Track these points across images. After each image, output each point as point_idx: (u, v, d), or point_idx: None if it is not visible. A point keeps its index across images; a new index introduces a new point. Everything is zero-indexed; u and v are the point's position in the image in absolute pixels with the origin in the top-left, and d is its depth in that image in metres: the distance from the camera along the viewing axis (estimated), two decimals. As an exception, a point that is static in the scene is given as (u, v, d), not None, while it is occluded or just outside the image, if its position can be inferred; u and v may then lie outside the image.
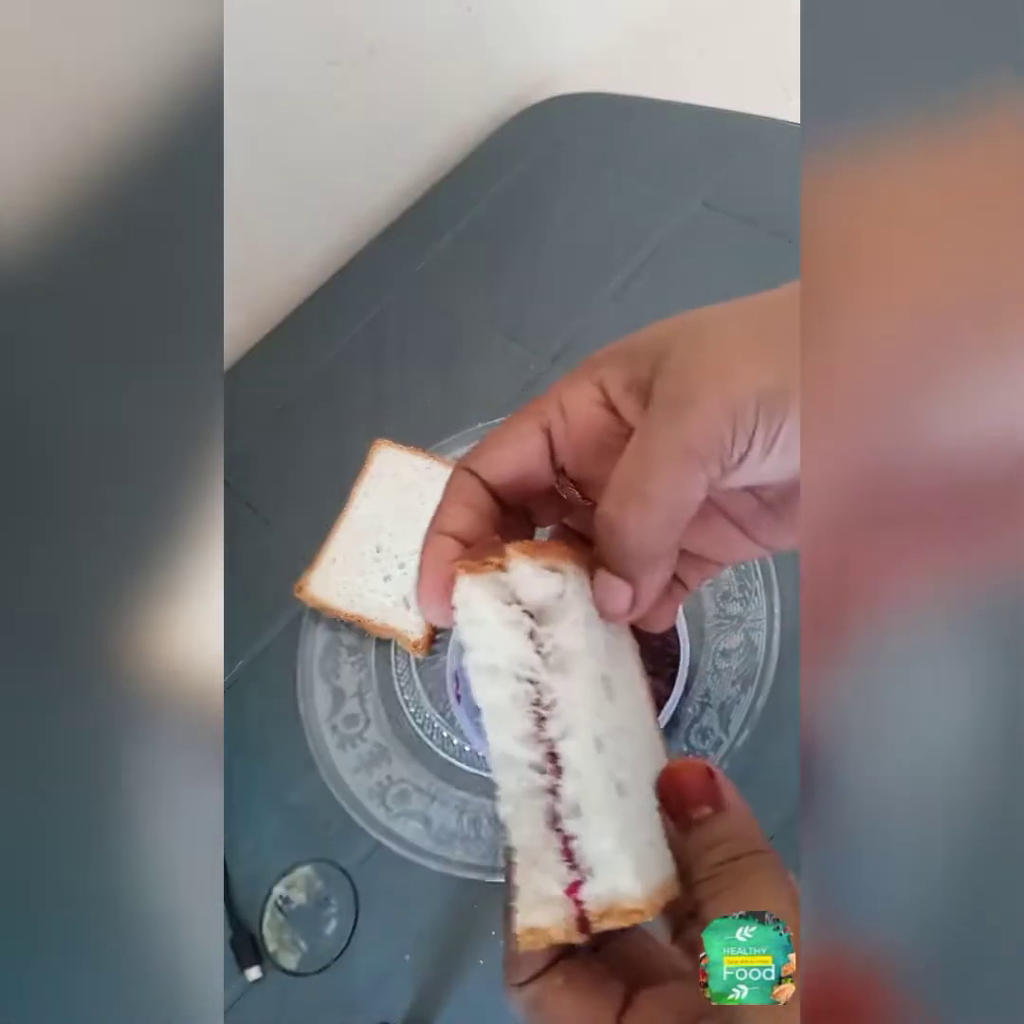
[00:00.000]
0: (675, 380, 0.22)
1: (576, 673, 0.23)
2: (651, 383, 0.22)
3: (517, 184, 0.80)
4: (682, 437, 0.21)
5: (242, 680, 0.59)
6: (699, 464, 0.21)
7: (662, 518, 0.22)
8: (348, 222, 0.83)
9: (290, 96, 0.72)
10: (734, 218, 0.70)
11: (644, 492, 0.22)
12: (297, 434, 0.71)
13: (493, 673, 0.23)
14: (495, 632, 0.23)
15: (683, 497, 0.22)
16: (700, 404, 0.21)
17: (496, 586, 0.23)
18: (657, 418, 0.22)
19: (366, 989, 0.48)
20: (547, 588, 0.23)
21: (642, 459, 0.22)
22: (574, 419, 0.24)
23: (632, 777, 0.23)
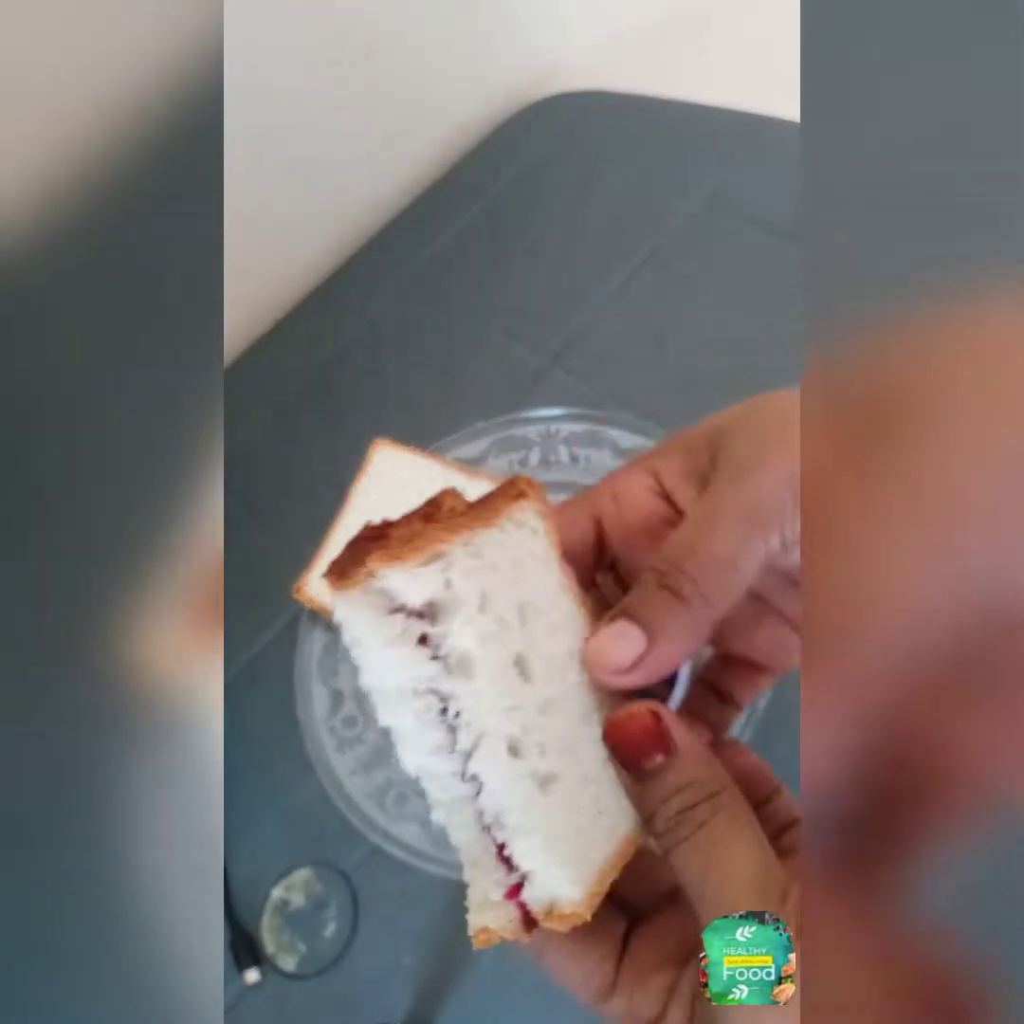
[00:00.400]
0: (740, 450, 0.21)
1: (478, 672, 0.21)
2: (709, 470, 0.22)
3: (517, 183, 0.80)
4: (747, 498, 0.20)
5: (241, 681, 0.59)
6: (761, 528, 0.20)
7: (723, 580, 0.21)
8: (348, 221, 0.82)
9: (290, 95, 0.72)
10: (734, 218, 0.70)
11: (704, 552, 0.21)
12: (296, 434, 0.71)
13: (388, 695, 0.22)
14: (379, 653, 0.21)
15: (743, 557, 0.21)
16: (768, 465, 0.20)
17: (371, 596, 0.21)
18: (722, 481, 0.21)
19: (365, 991, 0.48)
20: (427, 586, 0.21)
21: (705, 522, 0.21)
22: (626, 505, 0.24)
23: (563, 752, 0.22)
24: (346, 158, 0.79)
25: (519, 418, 0.59)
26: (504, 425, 0.59)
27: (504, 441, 0.59)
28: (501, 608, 0.22)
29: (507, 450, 0.59)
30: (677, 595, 0.21)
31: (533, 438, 0.59)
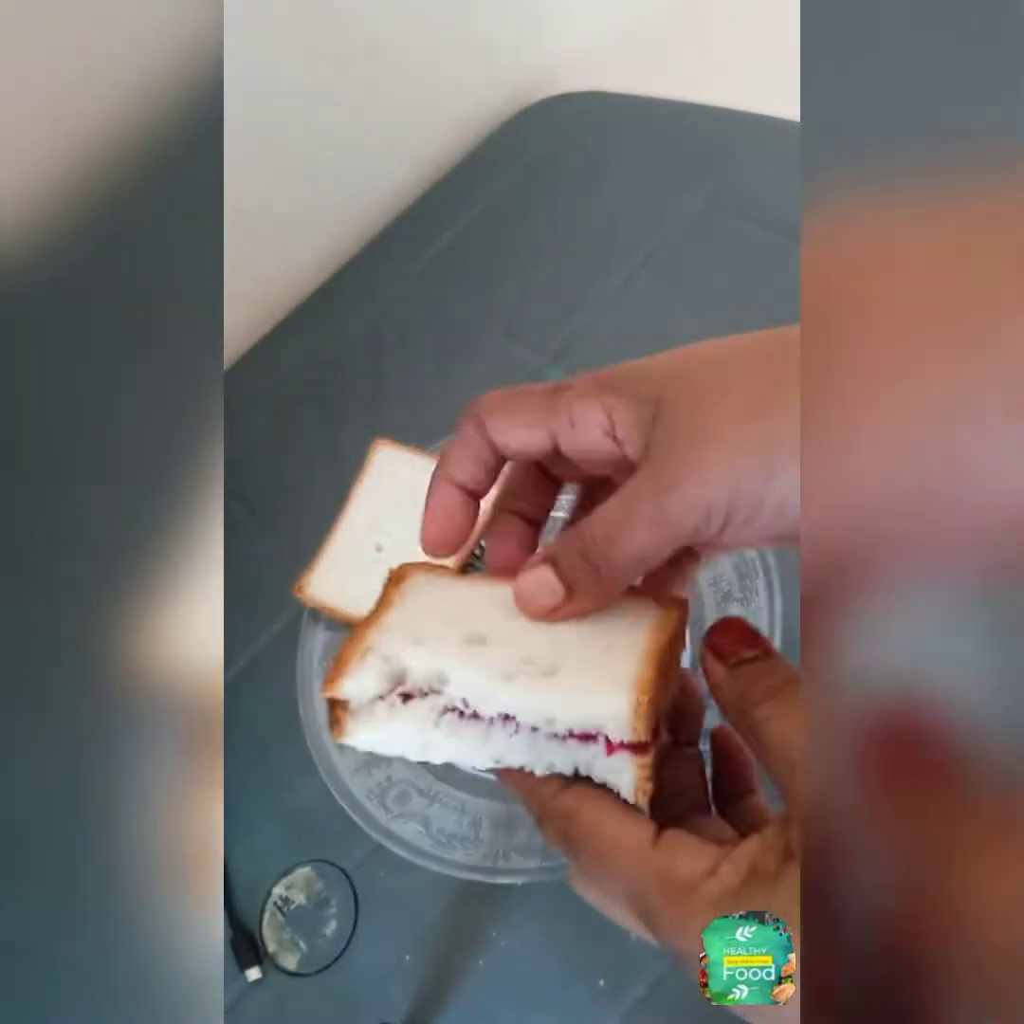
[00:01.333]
0: (664, 452, 0.24)
1: (450, 674, 0.25)
2: (650, 433, 0.24)
3: (517, 183, 0.80)
4: (660, 512, 0.23)
5: (242, 680, 0.59)
6: (672, 534, 0.24)
7: (630, 567, 0.25)
8: (348, 221, 0.82)
9: (290, 94, 0.72)
10: (734, 218, 0.70)
11: (619, 540, 0.24)
12: (297, 434, 0.71)
13: (426, 750, 0.25)
14: (396, 744, 0.25)
15: (652, 555, 0.24)
16: (680, 490, 0.23)
17: (358, 717, 0.25)
18: (645, 483, 0.24)
19: (366, 990, 0.48)
20: (373, 672, 0.25)
21: (627, 517, 0.24)
22: (581, 439, 0.26)
23: (549, 648, 0.26)
24: (346, 158, 0.79)
25: (519, 418, 0.59)
26: (504, 425, 0.59)
27: (504, 441, 0.59)
28: (433, 630, 0.27)
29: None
30: (595, 569, 0.25)
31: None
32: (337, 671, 0.26)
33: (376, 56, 0.75)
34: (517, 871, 0.46)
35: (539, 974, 0.46)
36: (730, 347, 0.24)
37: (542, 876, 0.45)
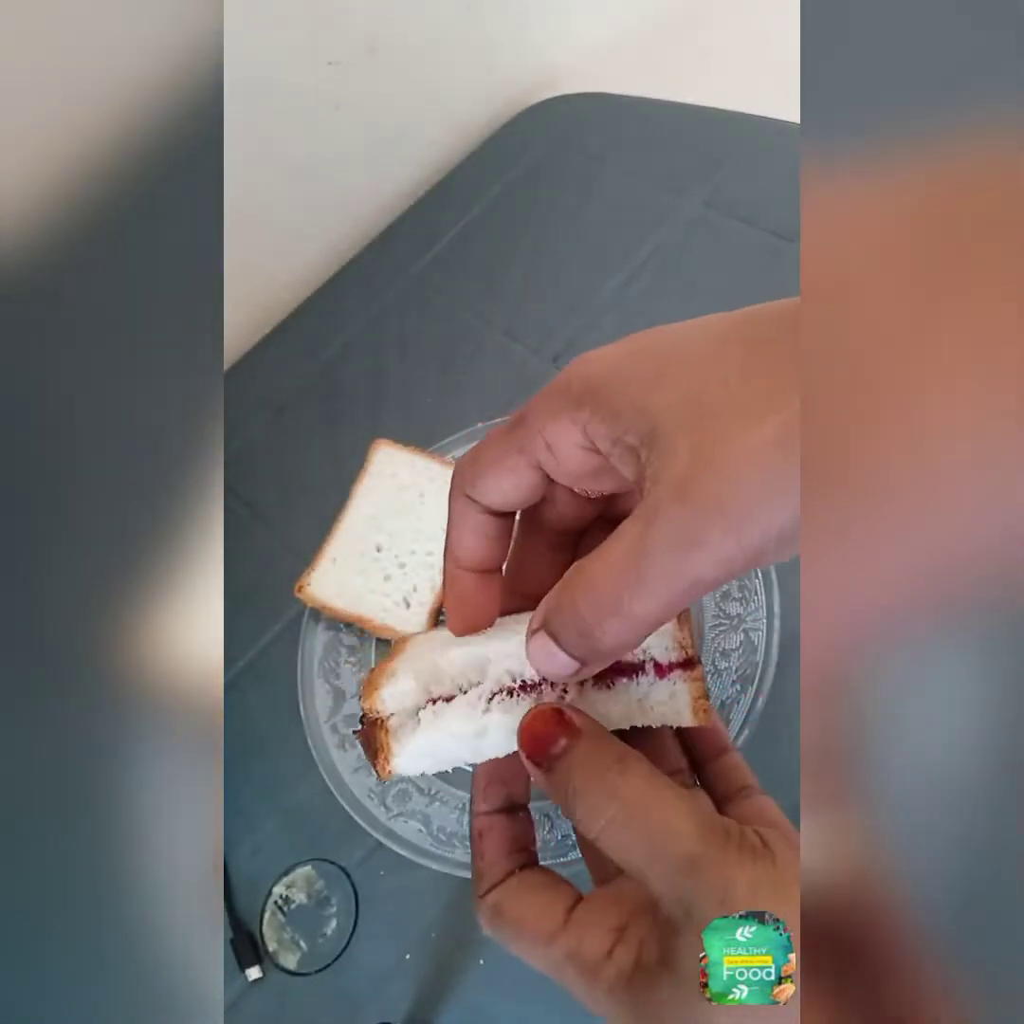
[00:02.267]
0: (678, 500, 0.20)
1: (493, 657, 0.25)
2: (642, 454, 0.21)
3: (517, 184, 0.80)
4: (689, 573, 0.20)
5: (242, 680, 0.59)
6: (700, 592, 0.20)
7: (644, 635, 0.22)
8: (348, 221, 0.83)
9: (290, 95, 0.72)
10: (734, 218, 0.70)
11: (632, 613, 0.21)
12: (297, 434, 0.71)
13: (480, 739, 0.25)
14: (449, 750, 0.25)
15: (670, 616, 0.21)
16: (712, 548, 0.19)
17: (404, 730, 0.25)
18: (660, 542, 0.20)
19: (366, 989, 0.48)
20: (403, 685, 0.25)
21: (637, 579, 0.20)
22: (564, 459, 0.23)
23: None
24: (347, 159, 0.79)
25: (519, 418, 0.59)
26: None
27: (504, 441, 0.59)
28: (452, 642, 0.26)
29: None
30: (600, 644, 0.22)
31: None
32: (370, 687, 0.25)
33: (377, 57, 0.75)
34: (517, 870, 0.46)
35: (539, 973, 0.46)
36: (723, 343, 0.21)
37: (542, 875, 0.45)
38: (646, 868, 0.22)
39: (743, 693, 0.46)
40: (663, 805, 0.22)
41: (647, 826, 0.22)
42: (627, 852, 0.22)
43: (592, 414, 0.22)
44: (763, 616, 0.48)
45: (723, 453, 0.19)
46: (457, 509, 0.26)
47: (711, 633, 0.50)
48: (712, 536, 0.19)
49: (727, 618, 0.50)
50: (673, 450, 0.20)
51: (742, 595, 0.50)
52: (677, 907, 0.21)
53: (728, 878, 0.21)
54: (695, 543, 0.19)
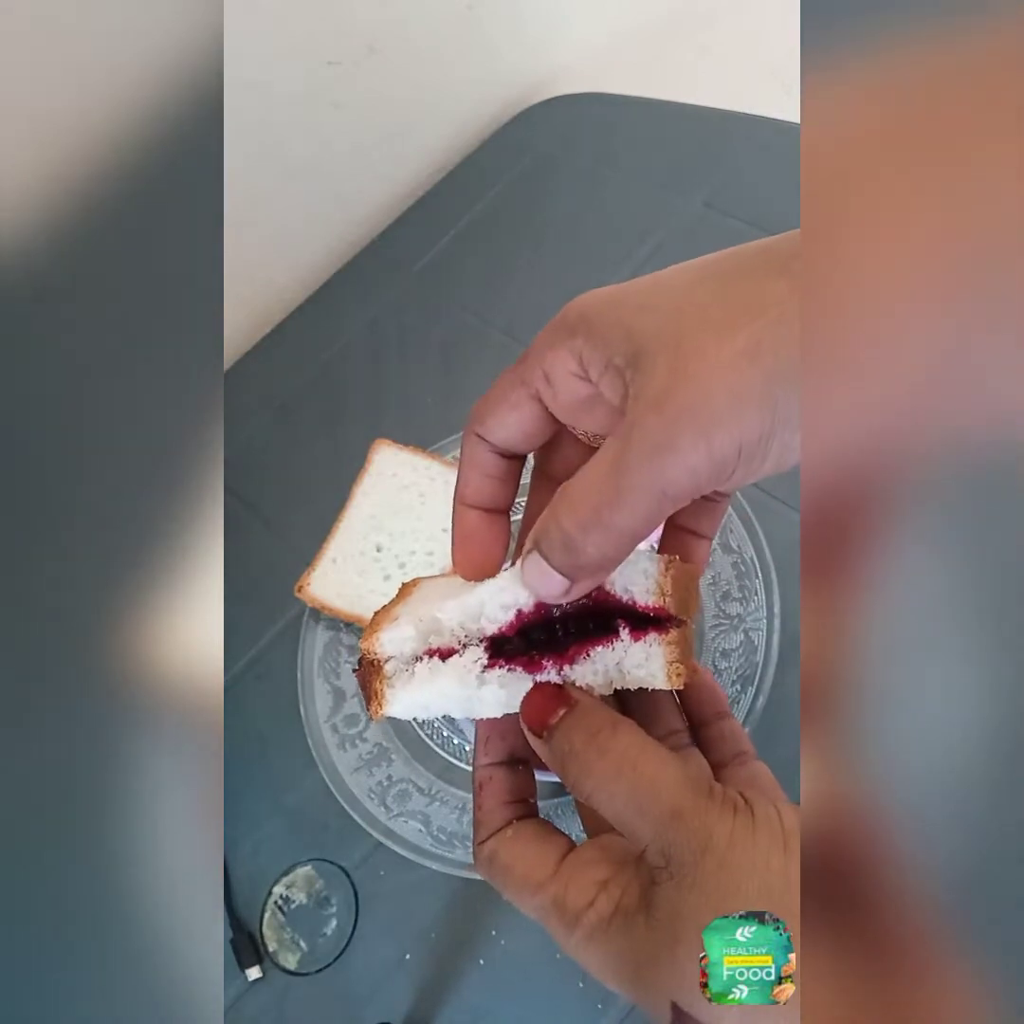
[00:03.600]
0: (651, 406, 0.21)
1: (488, 609, 0.25)
2: (627, 375, 0.22)
3: (517, 184, 0.80)
4: (659, 481, 0.21)
5: (242, 680, 0.59)
6: (671, 504, 0.21)
7: (624, 547, 0.23)
8: (348, 221, 0.83)
9: (290, 95, 0.72)
10: (734, 218, 0.70)
11: (611, 524, 0.22)
12: (297, 434, 0.71)
13: (471, 699, 0.25)
14: (440, 704, 0.26)
15: (648, 529, 0.22)
16: (682, 454, 0.20)
17: (399, 678, 0.26)
18: (635, 453, 0.21)
19: (366, 989, 0.48)
20: (402, 631, 0.26)
21: (614, 491, 0.22)
22: (558, 387, 0.25)
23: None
24: (346, 159, 0.79)
25: (519, 418, 0.59)
26: (504, 425, 0.59)
27: (504, 441, 0.59)
28: (455, 593, 0.27)
29: (507, 450, 0.59)
30: (584, 556, 0.23)
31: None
32: (371, 629, 0.26)
33: (377, 57, 0.75)
34: (517, 870, 0.46)
35: (539, 972, 0.46)
36: (705, 275, 0.22)
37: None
38: (633, 820, 0.23)
39: (743, 693, 0.46)
40: (650, 760, 0.23)
41: (634, 781, 0.23)
42: (616, 805, 0.23)
43: (585, 341, 0.23)
44: (763, 616, 0.48)
45: (696, 367, 0.20)
46: (467, 448, 0.27)
47: (711, 633, 0.50)
48: (682, 442, 0.20)
49: (727, 618, 0.50)
50: (653, 368, 0.21)
51: (742, 595, 0.50)
52: (659, 857, 0.22)
53: (708, 828, 0.22)
54: (666, 449, 0.20)
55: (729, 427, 0.20)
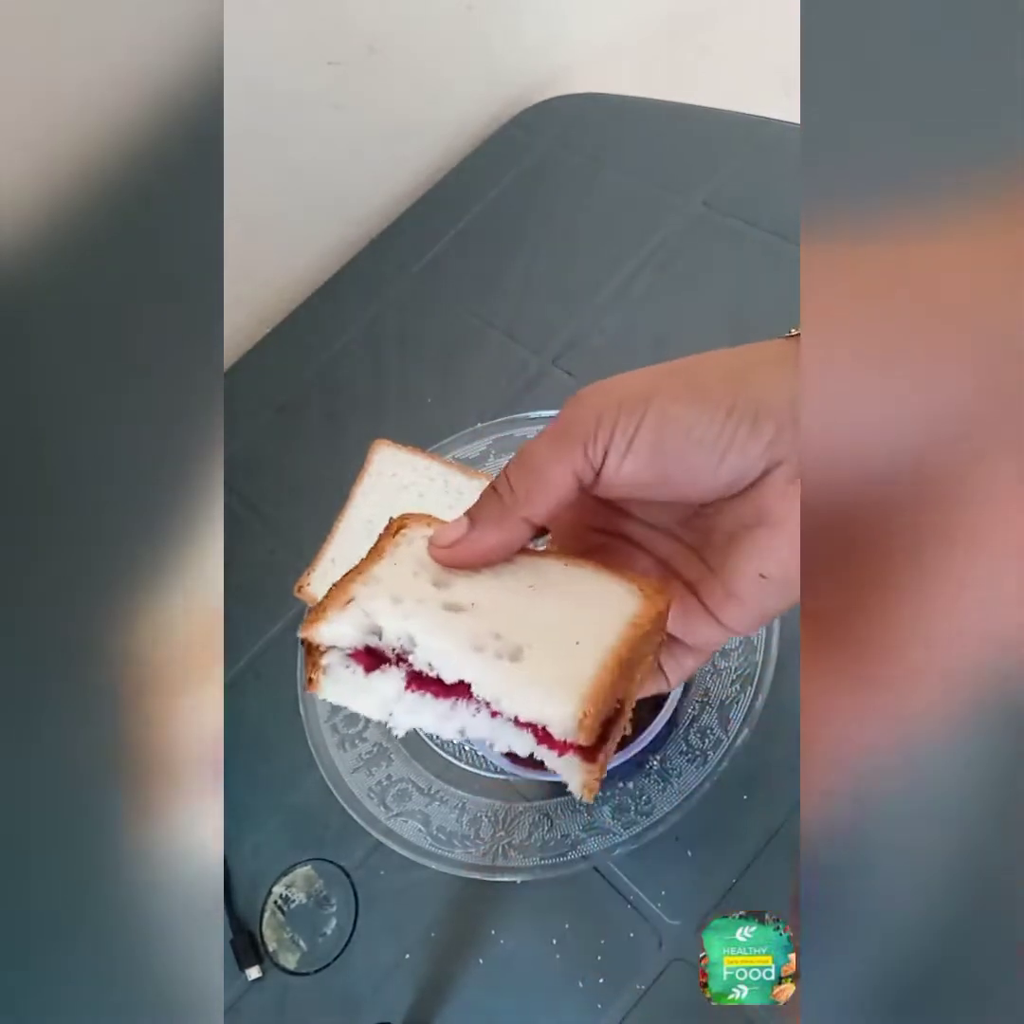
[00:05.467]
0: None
1: (420, 643, 0.25)
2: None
3: (517, 184, 0.80)
4: (560, 420, 0.26)
5: (243, 679, 0.59)
6: (567, 445, 0.25)
7: (552, 503, 0.26)
8: (348, 221, 0.83)
9: (290, 95, 0.72)
10: (734, 218, 0.70)
11: (518, 460, 0.26)
12: (297, 434, 0.71)
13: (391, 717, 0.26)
14: (363, 707, 0.26)
15: (549, 471, 0.26)
16: (580, 401, 0.26)
17: (332, 670, 0.26)
18: (577, 420, 0.26)
19: (366, 988, 0.48)
20: (351, 622, 0.26)
21: (536, 438, 0.27)
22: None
23: (516, 625, 0.26)
24: (346, 159, 0.79)
25: (519, 418, 0.59)
26: (504, 425, 0.59)
27: (504, 441, 0.59)
28: (414, 590, 0.27)
29: (507, 450, 0.59)
30: (496, 492, 0.26)
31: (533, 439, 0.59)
32: (317, 615, 0.26)
33: (377, 57, 0.75)
34: (516, 869, 0.46)
35: (538, 972, 0.46)
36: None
37: (541, 874, 0.45)
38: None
39: (743, 692, 0.46)
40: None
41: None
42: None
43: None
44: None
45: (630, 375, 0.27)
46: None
47: (711, 633, 0.50)
48: (582, 399, 0.26)
49: (727, 618, 0.50)
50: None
51: (742, 595, 0.50)
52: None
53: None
54: (568, 404, 0.26)
55: (614, 389, 0.26)
